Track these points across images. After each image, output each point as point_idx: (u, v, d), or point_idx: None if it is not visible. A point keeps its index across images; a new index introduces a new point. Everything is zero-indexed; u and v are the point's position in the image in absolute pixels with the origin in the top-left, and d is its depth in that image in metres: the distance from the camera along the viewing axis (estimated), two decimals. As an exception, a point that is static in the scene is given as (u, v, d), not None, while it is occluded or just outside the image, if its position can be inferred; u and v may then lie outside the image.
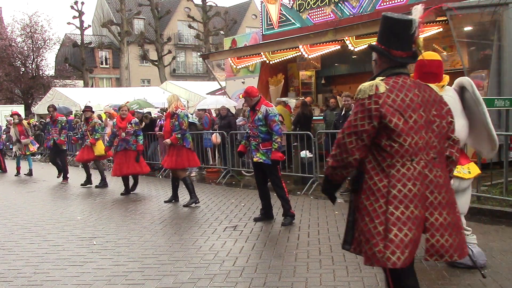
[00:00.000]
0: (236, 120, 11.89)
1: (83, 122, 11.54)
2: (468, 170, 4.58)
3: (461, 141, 4.55)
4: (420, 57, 3.05)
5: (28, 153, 14.01)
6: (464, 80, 4.64)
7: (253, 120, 6.68)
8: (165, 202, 8.47)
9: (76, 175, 12.65)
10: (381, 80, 2.82)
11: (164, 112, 13.63)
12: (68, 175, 12.13)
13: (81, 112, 19.32)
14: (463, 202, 4.66)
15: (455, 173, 4.44)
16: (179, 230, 6.43)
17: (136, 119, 10.08)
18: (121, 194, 9.71)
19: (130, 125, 9.57)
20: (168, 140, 8.07)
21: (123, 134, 9.52)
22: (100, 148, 10.94)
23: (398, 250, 2.63)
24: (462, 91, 4.64)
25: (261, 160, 6.65)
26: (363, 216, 2.77)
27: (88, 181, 11.11)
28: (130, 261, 5.12)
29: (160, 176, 12.33)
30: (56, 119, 12.11)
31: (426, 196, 2.73)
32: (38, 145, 15.22)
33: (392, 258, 2.62)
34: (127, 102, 11.28)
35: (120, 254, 5.40)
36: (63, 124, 12.07)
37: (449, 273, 4.39)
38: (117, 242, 5.94)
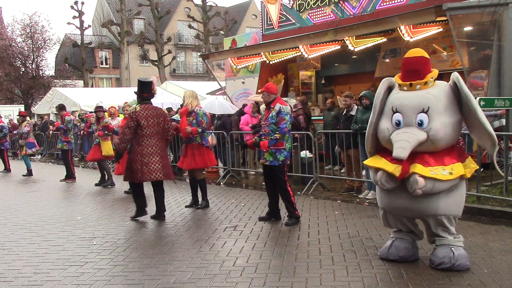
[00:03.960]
0: None
1: (94, 122, 11.62)
2: (449, 171, 4.36)
3: (441, 139, 4.38)
4: (406, 55, 4.67)
5: (22, 154, 14.06)
6: (453, 75, 4.49)
7: (266, 117, 6.66)
8: (186, 207, 8.04)
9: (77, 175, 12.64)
10: (139, 105, 6.99)
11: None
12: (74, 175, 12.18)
13: (82, 112, 19.38)
14: (445, 204, 4.45)
15: (430, 174, 4.30)
16: (179, 230, 6.43)
17: None
18: (125, 192, 9.71)
19: None
20: (188, 128, 7.59)
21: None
22: (108, 148, 10.90)
23: (151, 174, 6.84)
24: (456, 87, 4.50)
25: (267, 163, 6.64)
26: (133, 162, 6.84)
27: (103, 180, 11.03)
28: (130, 261, 5.12)
29: (160, 176, 12.32)
30: (64, 118, 12.29)
31: (158, 152, 6.89)
32: (37, 148, 14.95)
33: (147, 177, 6.86)
34: (126, 102, 11.16)
35: (120, 254, 5.40)
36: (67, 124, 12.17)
37: (449, 273, 4.39)
38: (117, 242, 5.94)
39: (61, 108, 12.60)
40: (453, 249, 4.49)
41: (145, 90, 7.08)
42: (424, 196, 4.41)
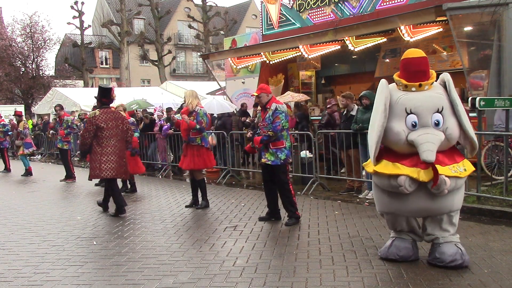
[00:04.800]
0: None
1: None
2: (463, 168, 4.49)
3: (456, 137, 4.51)
4: (404, 56, 4.59)
5: (19, 154, 14.05)
6: (444, 77, 4.56)
7: (263, 118, 6.65)
8: (186, 207, 8.03)
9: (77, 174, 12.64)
10: (99, 110, 7.61)
11: (164, 113, 13.63)
12: (74, 175, 12.19)
13: (82, 112, 19.36)
14: (457, 200, 4.61)
15: (452, 173, 4.40)
16: (179, 230, 6.43)
17: (132, 119, 10.16)
18: (125, 191, 9.68)
19: None
20: (186, 118, 7.62)
21: None
22: None
23: (108, 172, 7.42)
24: (445, 87, 4.57)
25: (269, 162, 6.62)
26: (93, 161, 7.47)
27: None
28: (130, 261, 5.12)
29: (160, 176, 12.33)
30: (62, 119, 12.31)
31: (116, 152, 7.50)
32: (34, 148, 14.85)
33: (105, 174, 7.41)
34: (121, 104, 11.06)
35: (120, 254, 5.40)
36: (68, 124, 12.21)
37: (449, 273, 4.39)
38: (117, 242, 5.94)
39: (59, 108, 12.71)
40: (458, 245, 4.57)
41: (105, 96, 7.69)
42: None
